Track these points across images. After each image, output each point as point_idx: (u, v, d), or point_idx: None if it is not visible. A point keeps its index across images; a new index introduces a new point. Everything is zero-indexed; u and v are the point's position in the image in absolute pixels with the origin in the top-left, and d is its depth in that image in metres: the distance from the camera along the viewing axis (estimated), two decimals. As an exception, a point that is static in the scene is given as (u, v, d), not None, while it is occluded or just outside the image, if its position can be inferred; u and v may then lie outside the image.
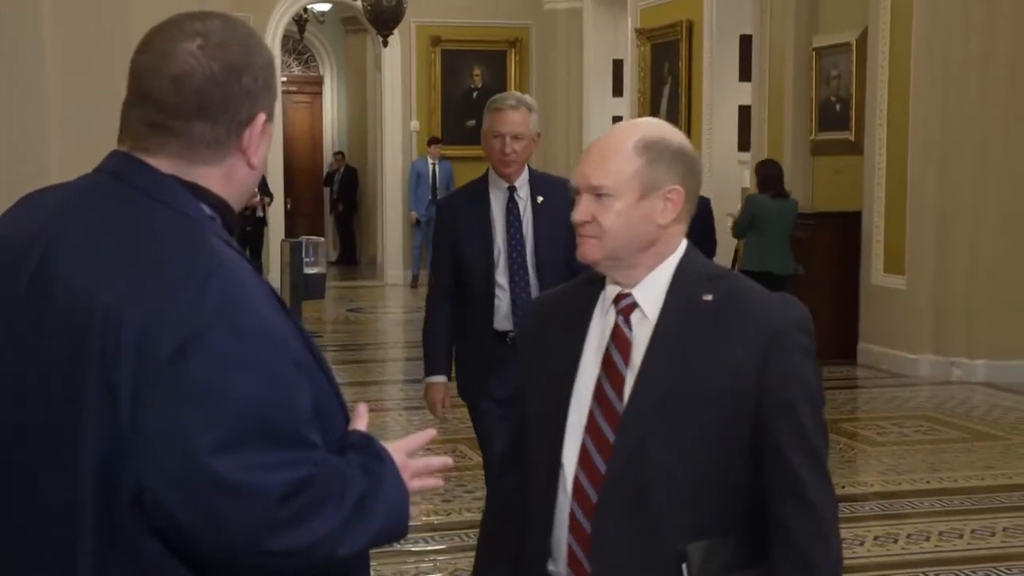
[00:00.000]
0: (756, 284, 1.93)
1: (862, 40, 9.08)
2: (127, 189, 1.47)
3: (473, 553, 2.15)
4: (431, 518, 5.30)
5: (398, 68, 14.41)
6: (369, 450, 1.52)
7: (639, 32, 12.81)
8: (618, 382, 1.86)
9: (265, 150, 1.55)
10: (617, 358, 1.87)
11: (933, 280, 8.29)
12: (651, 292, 1.89)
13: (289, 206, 15.04)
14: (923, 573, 4.60)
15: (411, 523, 1.53)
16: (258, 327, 1.40)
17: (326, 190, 17.19)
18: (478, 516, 5.21)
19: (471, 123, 14.67)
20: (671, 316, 1.86)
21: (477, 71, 14.72)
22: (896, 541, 4.90)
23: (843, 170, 9.43)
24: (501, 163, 3.83)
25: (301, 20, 15.40)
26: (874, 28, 8.72)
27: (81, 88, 3.43)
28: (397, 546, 4.89)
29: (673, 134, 1.92)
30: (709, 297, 1.86)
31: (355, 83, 17.22)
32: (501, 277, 3.85)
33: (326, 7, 15.38)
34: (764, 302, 1.87)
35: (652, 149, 1.86)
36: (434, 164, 14.06)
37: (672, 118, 12.26)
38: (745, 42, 11.22)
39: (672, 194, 1.88)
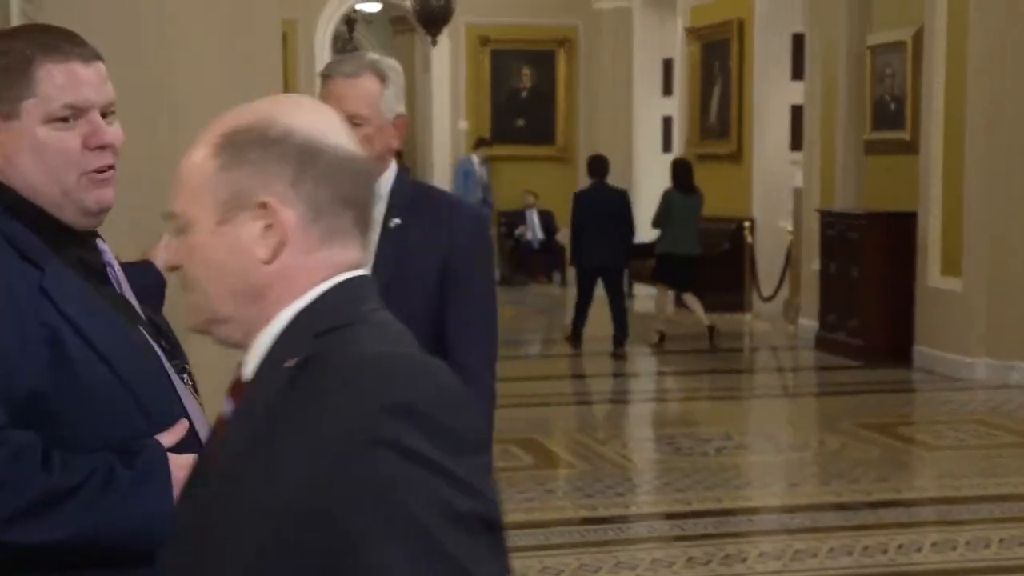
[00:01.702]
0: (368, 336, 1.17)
1: (918, 38, 8.94)
2: None
3: (521, 553, 2.13)
4: (480, 519, 5.27)
5: (446, 68, 14.42)
6: (131, 458, 1.53)
7: (689, 31, 12.72)
8: None
9: (12, 148, 1.57)
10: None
11: (989, 282, 8.14)
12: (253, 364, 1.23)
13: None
14: (983, 581, 4.51)
15: None
16: None
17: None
18: (528, 516, 5.24)
19: (520, 123, 14.66)
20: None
21: (526, 71, 14.69)
22: (955, 548, 4.80)
23: (895, 169, 9.29)
24: None
25: (350, 21, 15.46)
26: (930, 26, 8.58)
27: (128, 84, 3.44)
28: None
29: (284, 114, 1.20)
30: (291, 363, 1.16)
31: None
32: None
33: (375, 8, 15.43)
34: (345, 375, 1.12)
35: (234, 145, 1.19)
36: (480, 164, 14.08)
37: (722, 118, 12.17)
38: (797, 40, 11.10)
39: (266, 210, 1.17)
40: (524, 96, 14.73)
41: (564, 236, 12.00)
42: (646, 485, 5.89)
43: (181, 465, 1.51)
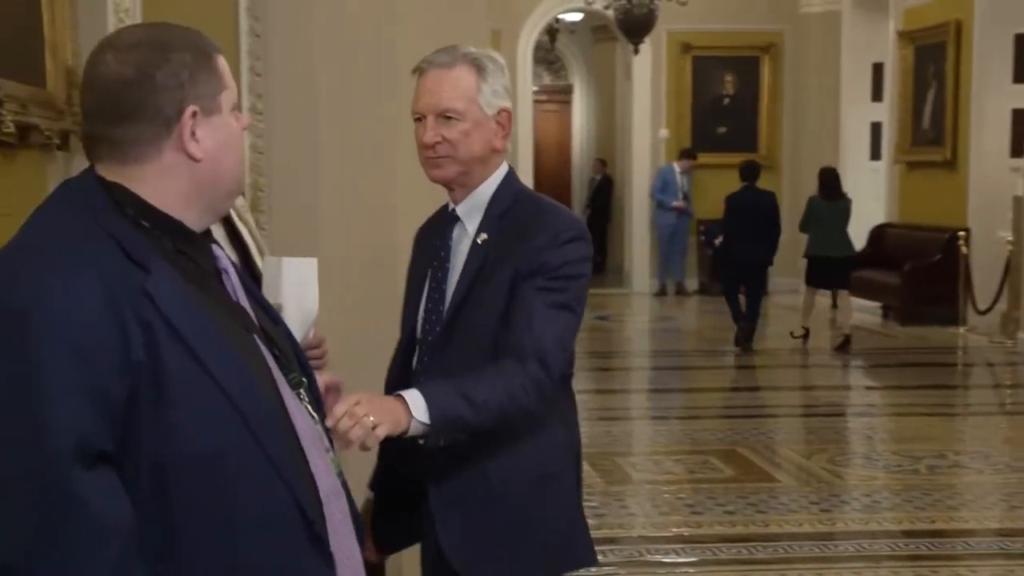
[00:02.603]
0: None
1: None
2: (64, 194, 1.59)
3: (725, 567, 2.14)
4: (681, 530, 5.22)
5: (648, 76, 14.37)
6: None
7: (902, 34, 12.27)
8: None
9: (213, 142, 1.58)
10: None
11: None
12: None
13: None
14: None
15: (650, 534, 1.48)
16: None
17: (584, 196, 17.43)
18: (729, 530, 5.16)
19: (722, 130, 14.46)
20: None
21: (728, 77, 14.49)
22: None
23: None
24: (425, 163, 2.36)
25: (553, 30, 15.62)
26: None
27: (349, 115, 3.56)
28: (647, 557, 4.84)
29: None
30: None
31: (604, 91, 17.29)
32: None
33: (577, 17, 15.53)
34: None
35: None
36: (681, 174, 13.95)
37: (936, 123, 11.69)
38: (1020, 41, 10.56)
39: None
40: (726, 103, 14.53)
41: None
42: (854, 502, 5.70)
43: None
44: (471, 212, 2.37)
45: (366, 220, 3.63)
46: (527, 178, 14.62)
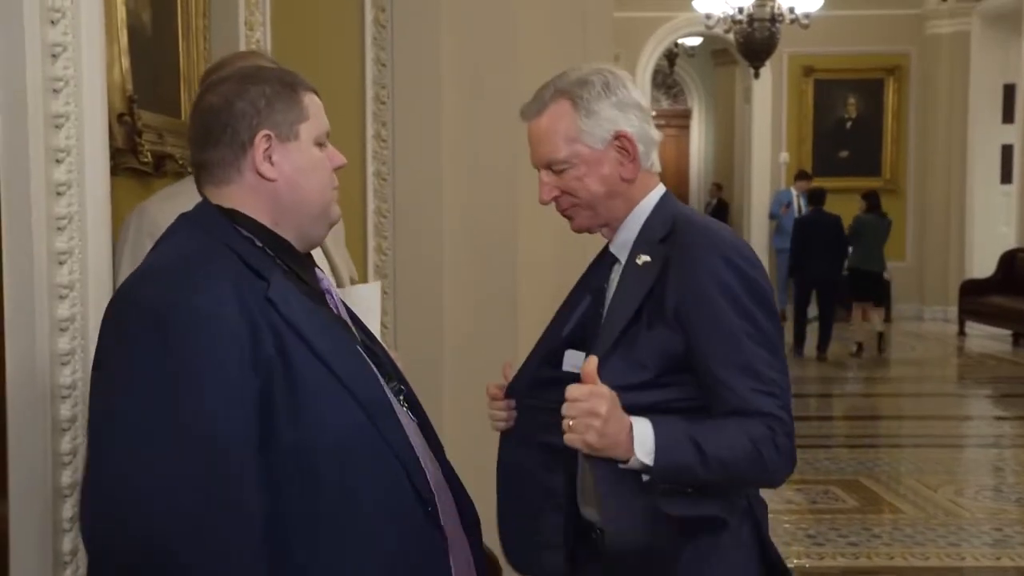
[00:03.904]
0: None
1: None
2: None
3: None
4: (802, 561, 5.12)
5: (768, 99, 14.21)
6: None
7: (1034, 54, 11.92)
8: None
9: (289, 165, 1.73)
10: None
11: None
12: None
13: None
14: None
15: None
16: None
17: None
18: (852, 562, 5.04)
19: (844, 154, 14.21)
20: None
21: (851, 100, 14.24)
22: None
23: None
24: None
25: (672, 55, 15.57)
26: None
27: (471, 143, 3.60)
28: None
29: None
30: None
31: (723, 115, 17.16)
32: None
33: (697, 41, 15.47)
34: None
35: None
36: (798, 196, 13.72)
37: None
38: None
39: None
40: (849, 126, 14.27)
41: (888, 271, 11.55)
42: (983, 536, 5.51)
43: None
44: (625, 246, 2.07)
45: (487, 245, 3.66)
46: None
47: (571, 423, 1.81)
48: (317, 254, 2.03)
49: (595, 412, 1.80)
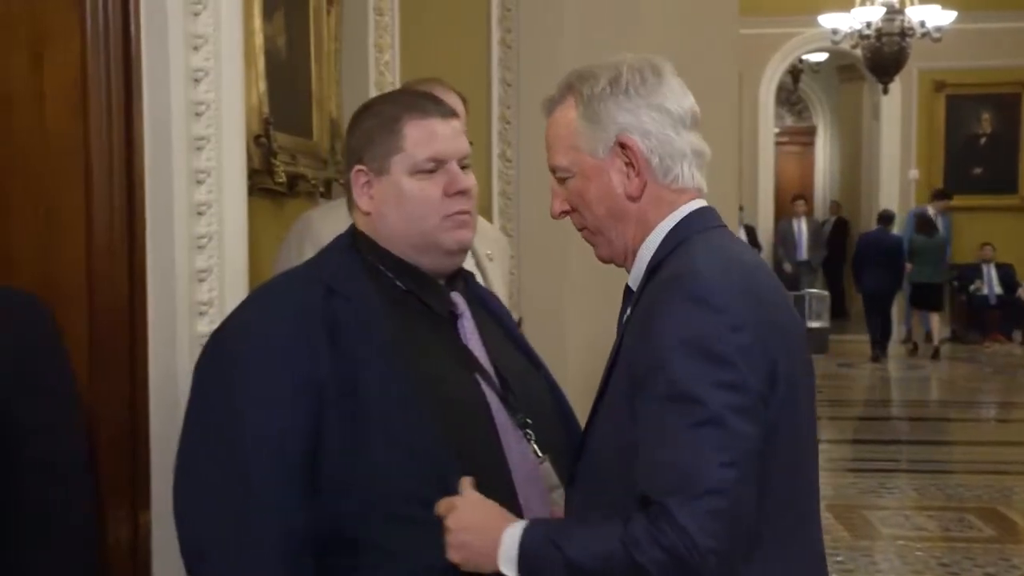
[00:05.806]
0: None
1: None
2: None
3: None
4: (935, 590, 4.97)
5: (897, 115, 13.87)
6: None
7: None
8: None
9: (380, 198, 1.77)
10: None
11: None
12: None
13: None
14: None
15: None
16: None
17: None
18: (986, 592, 4.85)
19: (977, 171, 13.79)
20: None
21: (985, 116, 13.81)
22: None
23: None
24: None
25: (796, 71, 15.34)
26: None
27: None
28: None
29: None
30: None
31: (849, 132, 16.80)
32: None
33: (822, 57, 15.20)
34: None
35: None
36: (936, 215, 13.31)
37: None
38: None
39: None
40: (983, 143, 13.85)
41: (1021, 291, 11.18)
42: None
43: None
44: (635, 282, 1.71)
45: (609, 272, 3.65)
46: (768, 221, 14.37)
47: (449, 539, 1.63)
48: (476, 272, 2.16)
49: (448, 528, 1.61)
